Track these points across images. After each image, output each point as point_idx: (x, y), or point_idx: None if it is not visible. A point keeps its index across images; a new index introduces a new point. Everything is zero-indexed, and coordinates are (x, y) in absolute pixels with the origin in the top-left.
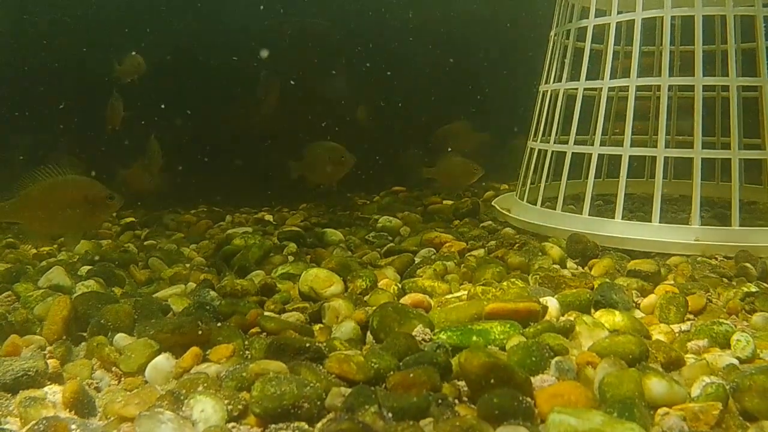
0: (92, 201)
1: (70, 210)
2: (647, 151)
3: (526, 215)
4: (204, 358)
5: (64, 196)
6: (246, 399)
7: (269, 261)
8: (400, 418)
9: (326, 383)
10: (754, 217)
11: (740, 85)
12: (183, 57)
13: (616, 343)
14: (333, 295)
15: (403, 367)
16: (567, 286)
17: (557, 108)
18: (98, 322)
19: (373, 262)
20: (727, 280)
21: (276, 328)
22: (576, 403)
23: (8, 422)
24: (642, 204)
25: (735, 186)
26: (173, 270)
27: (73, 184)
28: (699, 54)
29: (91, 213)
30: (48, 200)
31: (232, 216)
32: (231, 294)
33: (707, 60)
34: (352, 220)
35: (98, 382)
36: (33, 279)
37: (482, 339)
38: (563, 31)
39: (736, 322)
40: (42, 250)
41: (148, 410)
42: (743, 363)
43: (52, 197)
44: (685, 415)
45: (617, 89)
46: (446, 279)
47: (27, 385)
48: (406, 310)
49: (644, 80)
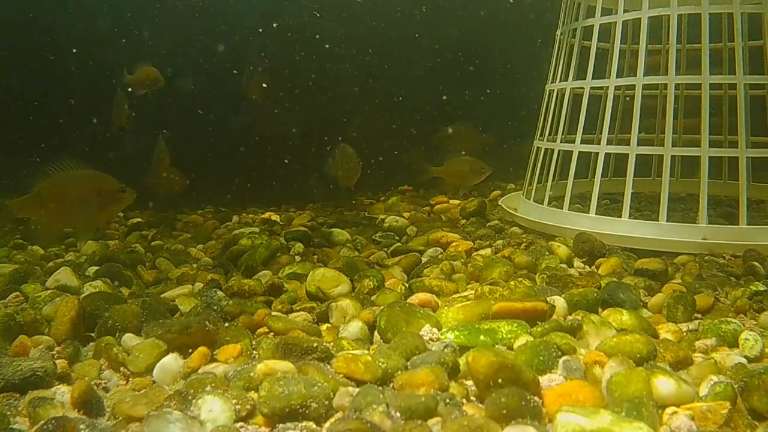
0: (104, 194)
1: (83, 204)
2: (654, 149)
3: (532, 214)
4: (212, 358)
5: (77, 191)
6: (254, 399)
7: (276, 261)
8: (408, 418)
9: (334, 383)
10: (762, 215)
11: (747, 83)
12: (189, 58)
13: (624, 342)
14: (340, 295)
15: (410, 366)
16: (574, 285)
17: (564, 107)
18: (106, 322)
19: (380, 262)
20: (735, 278)
21: (283, 328)
22: (584, 403)
23: (17, 422)
24: (649, 203)
25: (742, 184)
26: (180, 270)
27: (86, 179)
28: (706, 52)
29: (104, 206)
30: (61, 195)
31: (239, 216)
32: (238, 294)
33: (714, 58)
34: (359, 220)
35: (106, 382)
36: (41, 279)
37: (490, 338)
38: (569, 29)
39: (744, 320)
40: (50, 251)
41: (157, 410)
42: (751, 362)
43: (65, 192)
44: (693, 415)
45: (624, 88)
46: (453, 278)
47: (36, 385)
48: (413, 310)
49: (651, 79)
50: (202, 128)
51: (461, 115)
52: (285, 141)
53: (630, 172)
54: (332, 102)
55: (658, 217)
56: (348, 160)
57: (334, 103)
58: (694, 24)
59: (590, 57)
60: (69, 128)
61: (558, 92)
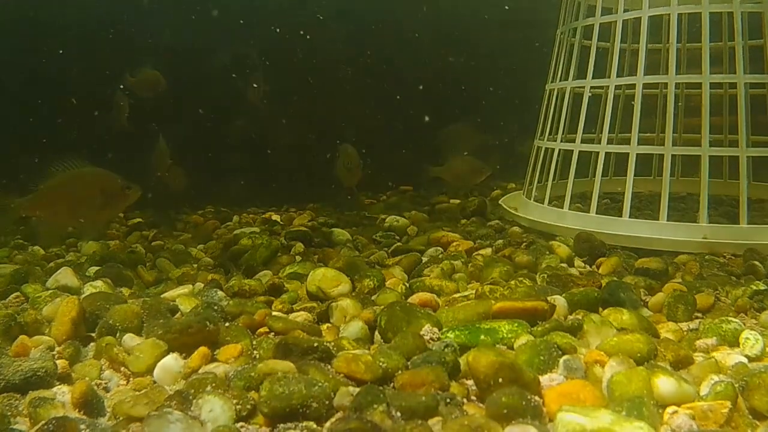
0: (109, 192)
1: (88, 202)
2: (654, 149)
3: (533, 214)
4: (212, 358)
5: (82, 188)
6: (254, 399)
7: (277, 261)
8: (408, 417)
9: (334, 383)
10: (763, 215)
11: (748, 82)
12: (189, 58)
13: (625, 341)
14: (341, 295)
15: (411, 366)
16: (575, 284)
17: (564, 106)
18: (107, 322)
19: (380, 262)
20: (736, 278)
21: (284, 327)
22: (584, 402)
23: (18, 422)
24: (649, 202)
25: (743, 183)
26: (181, 270)
27: (90, 176)
28: (706, 51)
29: (109, 204)
30: (66, 193)
31: (239, 216)
32: (239, 294)
33: (714, 57)
34: (359, 220)
35: (107, 382)
36: (41, 280)
37: (490, 338)
38: (569, 29)
39: (744, 320)
40: (50, 251)
41: (157, 410)
42: (752, 361)
43: (69, 190)
44: (694, 414)
45: (624, 87)
46: (454, 278)
47: (36, 386)
48: (413, 310)
49: (651, 78)
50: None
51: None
52: (286, 141)
53: (630, 172)
54: (333, 102)
55: (658, 217)
56: (349, 160)
57: (335, 103)
58: (695, 23)
59: (590, 56)
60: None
61: (558, 92)
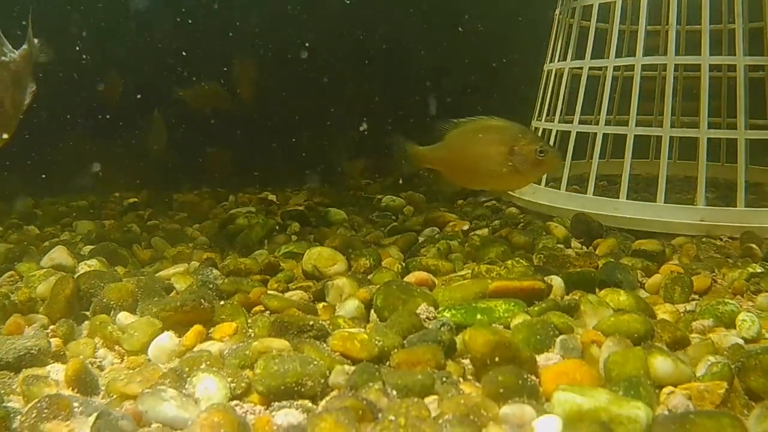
0: (519, 154)
1: (493, 162)
2: (652, 130)
3: (530, 195)
4: (207, 336)
5: (488, 145)
6: (249, 377)
7: (273, 240)
8: (404, 396)
9: (330, 361)
10: (760, 198)
11: (747, 64)
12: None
13: (621, 321)
14: (336, 274)
15: (407, 345)
16: (571, 265)
17: (562, 87)
18: (101, 300)
19: (376, 241)
20: (732, 260)
21: (279, 306)
22: (581, 382)
23: (11, 400)
24: (647, 185)
25: (741, 166)
26: (176, 249)
27: (499, 132)
28: (706, 33)
29: (517, 169)
30: (470, 148)
31: (235, 196)
32: (234, 273)
33: (713, 39)
34: (355, 200)
35: (101, 360)
36: (36, 259)
37: (486, 317)
38: (568, 9)
39: (741, 302)
40: (45, 231)
41: (151, 388)
42: (748, 342)
43: (474, 144)
44: (690, 394)
45: (623, 68)
46: (450, 258)
47: (30, 364)
48: (410, 289)
49: (650, 59)
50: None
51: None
52: (280, 123)
53: (628, 153)
54: (328, 86)
55: (656, 199)
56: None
57: (330, 87)
58: (694, 4)
59: (589, 37)
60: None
61: (556, 72)
